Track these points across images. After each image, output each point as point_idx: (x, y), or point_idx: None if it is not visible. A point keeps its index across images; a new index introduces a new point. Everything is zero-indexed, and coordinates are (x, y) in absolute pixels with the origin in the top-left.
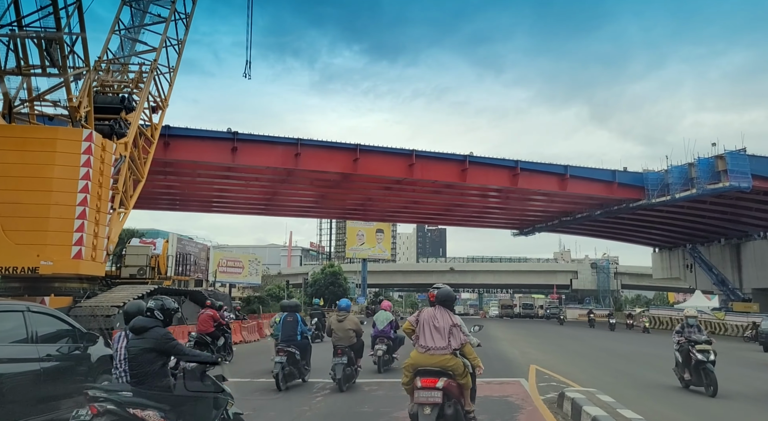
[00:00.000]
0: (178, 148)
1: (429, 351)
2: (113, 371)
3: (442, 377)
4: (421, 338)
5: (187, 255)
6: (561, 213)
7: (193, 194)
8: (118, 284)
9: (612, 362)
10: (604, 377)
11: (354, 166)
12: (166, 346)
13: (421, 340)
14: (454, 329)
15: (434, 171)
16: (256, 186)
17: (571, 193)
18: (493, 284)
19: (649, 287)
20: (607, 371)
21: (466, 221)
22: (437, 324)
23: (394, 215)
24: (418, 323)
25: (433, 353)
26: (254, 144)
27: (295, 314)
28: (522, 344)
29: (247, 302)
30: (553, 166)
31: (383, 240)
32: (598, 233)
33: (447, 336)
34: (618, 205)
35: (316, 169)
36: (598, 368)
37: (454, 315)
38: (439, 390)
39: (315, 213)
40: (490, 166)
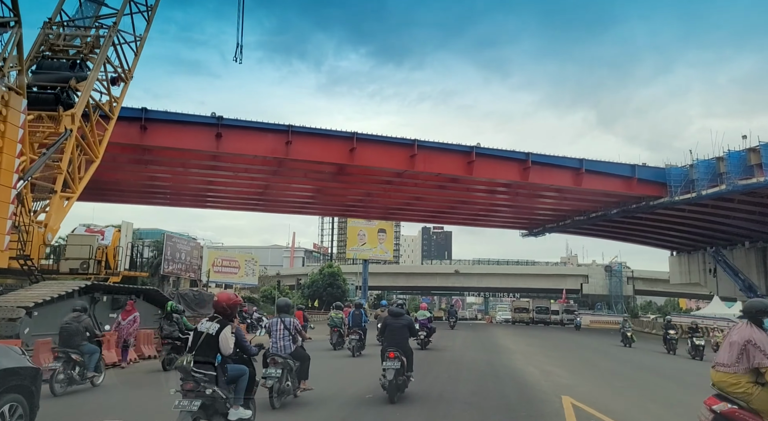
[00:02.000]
0: (156, 133)
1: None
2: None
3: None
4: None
5: (143, 249)
6: (574, 212)
7: (181, 187)
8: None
9: (672, 391)
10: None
11: (350, 157)
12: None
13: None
14: (749, 345)
15: (438, 163)
16: (246, 178)
17: (587, 190)
18: (499, 287)
19: (664, 292)
20: (668, 405)
21: (472, 220)
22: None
23: (395, 212)
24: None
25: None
26: (241, 131)
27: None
28: (540, 360)
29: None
30: (567, 160)
31: (385, 240)
32: (613, 235)
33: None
34: (637, 203)
35: (309, 160)
36: (657, 400)
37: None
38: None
39: (312, 209)
40: (499, 159)
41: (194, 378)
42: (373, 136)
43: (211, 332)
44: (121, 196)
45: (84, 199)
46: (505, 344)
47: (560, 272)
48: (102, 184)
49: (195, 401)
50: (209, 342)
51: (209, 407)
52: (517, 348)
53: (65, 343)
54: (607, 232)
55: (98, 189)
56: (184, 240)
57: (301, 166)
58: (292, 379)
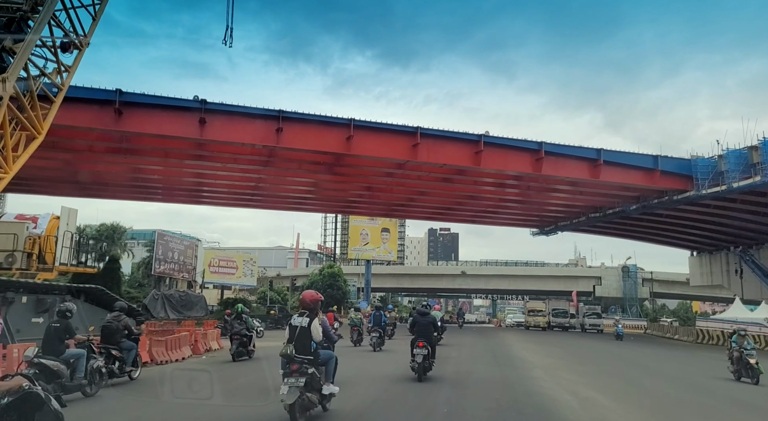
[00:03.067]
0: (133, 118)
1: None
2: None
3: None
4: None
5: (88, 242)
6: (589, 208)
7: (169, 180)
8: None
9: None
10: None
11: (347, 146)
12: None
13: None
14: None
15: (443, 153)
16: (236, 170)
17: (605, 183)
18: (507, 289)
19: (681, 295)
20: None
21: (480, 218)
22: None
23: (398, 208)
24: None
25: None
26: (227, 116)
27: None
28: (569, 379)
29: (225, 306)
30: (583, 150)
31: (389, 240)
32: (629, 234)
33: None
34: (659, 197)
35: (302, 148)
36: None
37: None
38: None
39: (311, 206)
40: (509, 149)
41: (297, 362)
42: (371, 123)
43: (304, 324)
44: (106, 191)
45: (66, 193)
46: (521, 355)
47: (571, 274)
48: (82, 177)
49: (300, 379)
50: (304, 333)
51: (308, 383)
52: (537, 361)
53: (106, 340)
54: (623, 230)
55: (78, 183)
56: (177, 239)
57: (294, 155)
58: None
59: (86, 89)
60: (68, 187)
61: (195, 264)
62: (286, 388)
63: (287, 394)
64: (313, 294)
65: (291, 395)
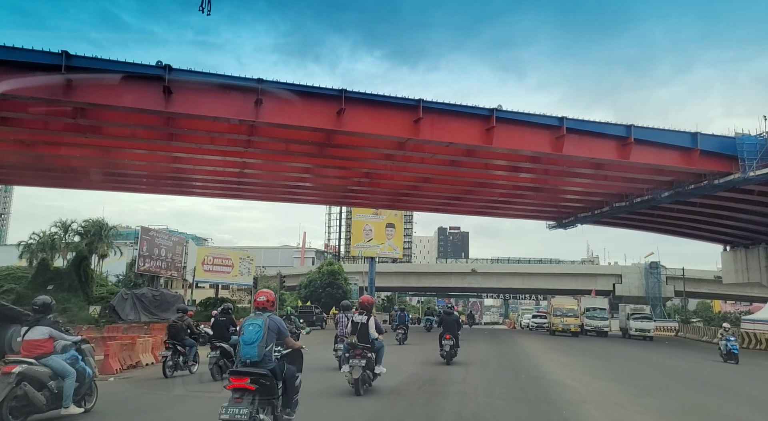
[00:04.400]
0: (86, 87)
1: None
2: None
3: None
4: None
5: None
6: (613, 197)
7: (140, 166)
8: None
9: None
10: None
11: (338, 121)
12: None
13: None
14: None
15: (449, 130)
16: (215, 152)
17: (635, 164)
18: (520, 288)
19: (709, 294)
20: None
21: (491, 209)
22: None
23: (402, 198)
24: None
25: None
26: (196, 87)
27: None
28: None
29: (205, 307)
30: (611, 127)
31: (394, 236)
32: (656, 226)
33: None
34: (696, 182)
35: (285, 123)
36: None
37: None
38: None
39: (304, 196)
40: (525, 126)
41: (360, 348)
42: (366, 96)
43: (363, 321)
44: (77, 181)
45: (34, 182)
46: (555, 378)
47: (589, 272)
48: (45, 161)
49: (362, 361)
50: (363, 328)
51: (367, 365)
52: (582, 388)
53: (172, 337)
54: (648, 223)
55: (44, 169)
56: (164, 234)
57: (277, 133)
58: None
59: (28, 52)
60: (34, 176)
61: (185, 262)
62: (349, 367)
63: (353, 371)
64: (369, 298)
65: (356, 371)
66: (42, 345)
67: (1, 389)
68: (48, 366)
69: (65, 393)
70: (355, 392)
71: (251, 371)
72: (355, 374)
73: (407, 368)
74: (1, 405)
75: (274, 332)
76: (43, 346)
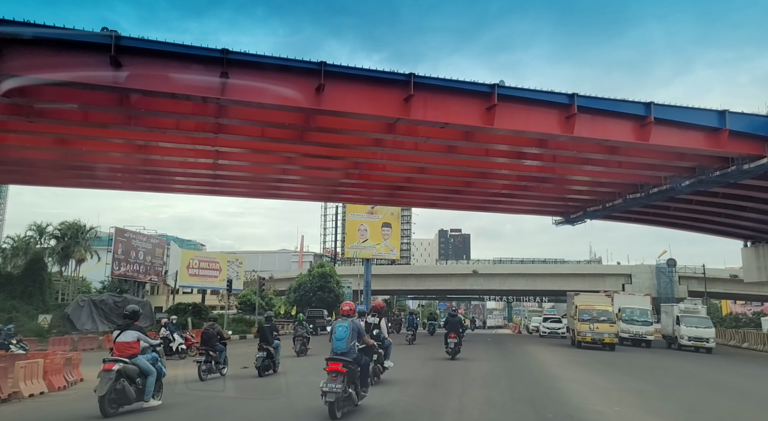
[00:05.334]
0: (18, 57)
1: None
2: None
3: None
4: None
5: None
6: (627, 187)
7: (102, 157)
8: None
9: None
10: None
11: (317, 99)
12: None
13: None
14: None
15: (444, 109)
16: (184, 140)
17: (655, 147)
18: (523, 289)
19: (725, 294)
20: None
21: (493, 203)
22: None
23: (395, 192)
24: None
25: None
26: (151, 58)
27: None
28: None
29: (175, 312)
30: (628, 105)
31: (390, 236)
32: (671, 221)
33: None
34: (722, 167)
35: (256, 102)
36: None
37: None
38: None
39: (289, 191)
40: (531, 104)
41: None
42: (349, 70)
43: (376, 322)
44: (35, 175)
45: None
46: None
47: (597, 272)
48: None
49: (373, 356)
50: (375, 327)
51: (378, 359)
52: None
53: (205, 343)
54: (663, 217)
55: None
56: (142, 236)
57: (249, 114)
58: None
59: None
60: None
61: (167, 265)
62: None
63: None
64: (381, 303)
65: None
66: (132, 347)
67: (104, 384)
68: (136, 365)
69: (147, 388)
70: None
71: (342, 358)
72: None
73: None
74: (104, 397)
75: (356, 332)
76: (133, 347)
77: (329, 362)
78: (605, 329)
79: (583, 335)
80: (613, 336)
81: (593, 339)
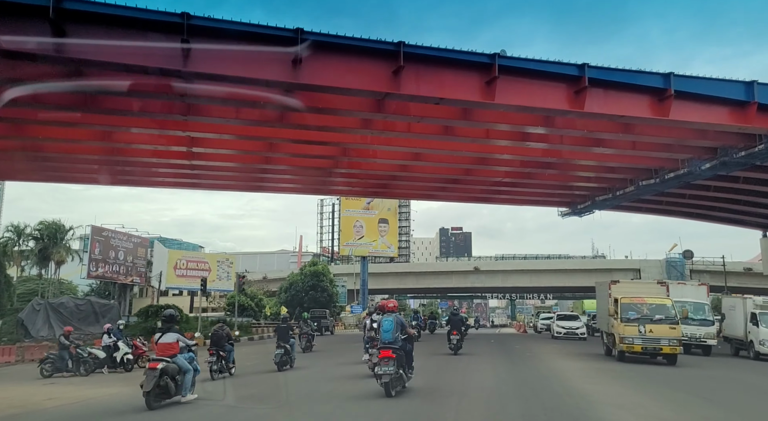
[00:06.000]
0: None
1: None
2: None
3: None
4: None
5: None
6: (640, 173)
7: (66, 148)
8: None
9: None
10: None
11: (294, 73)
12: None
13: None
14: None
15: (439, 83)
16: (150, 124)
17: (675, 124)
18: (528, 287)
19: (739, 289)
20: None
21: (494, 193)
22: None
23: (388, 183)
24: None
25: None
26: (99, 27)
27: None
28: None
29: (146, 317)
30: (645, 76)
31: (388, 233)
32: (685, 210)
33: None
34: (748, 147)
35: (223, 74)
36: None
37: None
38: None
39: (276, 184)
40: (536, 77)
41: (377, 340)
42: (330, 38)
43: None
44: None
45: None
46: None
47: (604, 267)
48: None
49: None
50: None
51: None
52: None
53: (215, 344)
54: (677, 206)
55: None
56: (122, 235)
57: (219, 93)
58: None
59: None
60: None
61: (152, 266)
62: (367, 355)
63: (373, 357)
64: (393, 302)
65: (375, 357)
66: (172, 347)
67: (149, 380)
68: (176, 363)
69: (185, 385)
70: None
71: (390, 346)
72: (374, 358)
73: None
74: (149, 392)
75: (399, 324)
76: (173, 348)
77: (381, 350)
78: (664, 332)
79: (629, 343)
80: (676, 344)
81: (644, 348)
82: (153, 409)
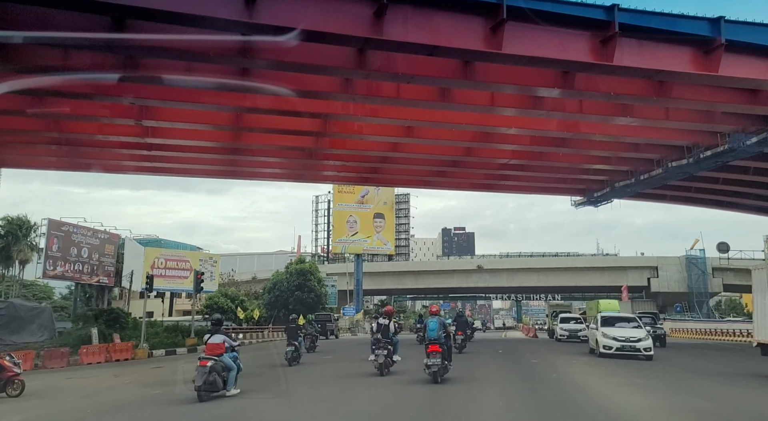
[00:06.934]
0: None
1: None
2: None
3: None
4: None
5: None
6: (669, 152)
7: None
8: None
9: None
10: None
11: (249, 12)
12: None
13: None
14: None
15: (431, 28)
16: (82, 88)
17: (725, 81)
18: (534, 286)
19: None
20: None
21: (497, 179)
22: None
23: (377, 167)
24: None
25: None
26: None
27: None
28: None
29: (91, 318)
30: (687, 23)
31: (384, 229)
32: (717, 199)
33: None
34: None
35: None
36: None
37: None
38: None
39: (253, 168)
40: (553, 22)
41: (383, 342)
42: None
43: (386, 323)
44: None
45: None
46: None
47: (618, 264)
48: None
49: (384, 350)
50: (385, 328)
51: (388, 354)
52: None
53: (290, 336)
54: (708, 193)
55: None
56: (86, 230)
57: (163, 42)
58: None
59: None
60: None
61: (121, 265)
62: (374, 356)
63: (378, 358)
64: (390, 308)
65: (380, 358)
66: (219, 347)
67: (200, 376)
68: (222, 362)
69: (230, 380)
70: (379, 373)
71: (437, 342)
72: (380, 359)
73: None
74: (200, 387)
75: (442, 325)
76: (220, 348)
77: (430, 345)
78: None
79: None
80: None
81: None
82: (203, 401)
